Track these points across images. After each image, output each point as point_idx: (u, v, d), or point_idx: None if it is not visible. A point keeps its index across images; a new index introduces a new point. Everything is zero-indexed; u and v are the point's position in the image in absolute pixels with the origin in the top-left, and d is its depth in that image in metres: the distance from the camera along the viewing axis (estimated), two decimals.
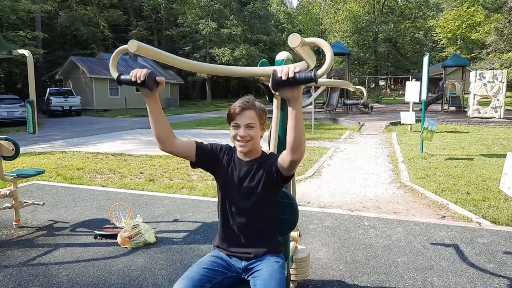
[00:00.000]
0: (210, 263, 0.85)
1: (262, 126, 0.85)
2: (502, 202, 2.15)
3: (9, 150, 1.81)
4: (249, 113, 0.82)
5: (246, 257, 0.86)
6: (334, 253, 1.57)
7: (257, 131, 0.83)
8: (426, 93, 3.98)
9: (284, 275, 0.84)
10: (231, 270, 0.86)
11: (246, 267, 0.86)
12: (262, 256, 0.86)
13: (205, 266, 0.84)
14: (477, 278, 1.34)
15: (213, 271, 0.83)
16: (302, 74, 0.65)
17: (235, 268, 0.87)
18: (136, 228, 1.65)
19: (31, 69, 1.80)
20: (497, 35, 11.45)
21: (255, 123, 0.82)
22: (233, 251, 0.87)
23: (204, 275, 0.81)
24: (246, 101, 0.83)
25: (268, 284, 0.78)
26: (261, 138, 0.86)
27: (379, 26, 19.85)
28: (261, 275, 0.81)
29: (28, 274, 1.39)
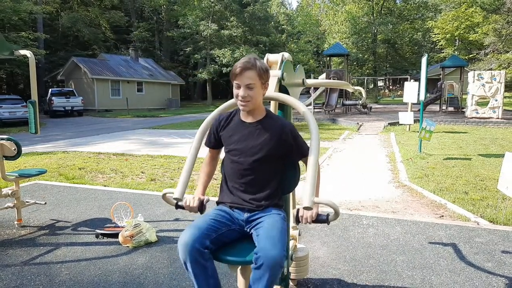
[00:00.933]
0: (215, 215, 0.88)
1: (264, 85, 0.86)
2: (500, 201, 2.16)
3: (11, 150, 1.82)
4: (249, 73, 0.82)
5: (248, 209, 0.87)
6: (333, 252, 1.58)
7: (257, 91, 0.84)
8: (425, 94, 3.99)
9: (286, 226, 0.85)
10: (234, 222, 0.88)
11: (248, 218, 0.87)
12: (264, 209, 0.87)
13: (211, 217, 0.87)
14: (475, 277, 1.35)
15: (218, 222, 0.86)
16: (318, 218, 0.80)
17: (238, 220, 0.88)
18: (138, 227, 1.66)
19: (33, 70, 1.81)
20: (495, 36, 11.49)
21: (255, 83, 0.83)
22: (236, 203, 0.89)
23: (211, 225, 0.84)
24: (247, 61, 0.84)
25: (270, 231, 0.80)
26: (263, 96, 0.88)
27: (378, 27, 19.86)
28: (264, 225, 0.83)
29: (30, 273, 1.40)
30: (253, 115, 0.89)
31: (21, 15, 10.99)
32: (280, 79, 1.01)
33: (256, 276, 0.78)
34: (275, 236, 0.79)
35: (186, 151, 4.44)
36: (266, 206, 0.88)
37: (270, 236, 0.79)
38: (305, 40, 24.62)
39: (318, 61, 23.65)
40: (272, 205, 0.88)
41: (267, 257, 0.77)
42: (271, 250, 0.77)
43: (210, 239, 0.82)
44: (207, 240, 0.81)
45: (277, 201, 0.91)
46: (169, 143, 5.32)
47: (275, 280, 0.78)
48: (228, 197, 0.91)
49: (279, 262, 0.77)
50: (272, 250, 0.77)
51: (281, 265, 0.78)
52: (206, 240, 0.81)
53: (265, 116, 0.89)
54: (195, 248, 0.80)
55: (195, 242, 0.80)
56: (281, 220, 0.85)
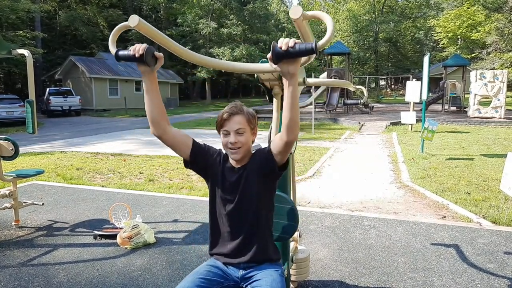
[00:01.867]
0: (206, 273, 0.82)
1: (253, 131, 0.82)
2: (502, 202, 2.15)
3: (9, 150, 1.80)
4: (237, 118, 0.80)
5: (243, 266, 0.83)
6: (334, 253, 1.56)
7: (247, 136, 0.81)
8: (427, 93, 3.97)
9: (284, 284, 0.82)
10: (228, 279, 0.83)
11: (244, 275, 0.83)
12: (260, 265, 0.83)
13: (201, 276, 0.81)
14: (477, 279, 1.34)
15: (209, 281, 0.80)
16: (302, 45, 0.62)
17: (232, 277, 0.84)
18: (136, 228, 1.64)
19: (30, 69, 1.80)
20: (497, 35, 11.44)
21: (245, 128, 0.80)
22: (229, 260, 0.84)
23: (200, 285, 0.78)
24: (233, 106, 0.81)
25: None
26: (253, 143, 0.84)
27: (380, 25, 19.81)
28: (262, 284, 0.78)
29: (28, 274, 1.39)
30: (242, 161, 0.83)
31: (19, 13, 10.95)
32: None
33: None
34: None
35: None
36: (261, 261, 0.83)
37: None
38: None
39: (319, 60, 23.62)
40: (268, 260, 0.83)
41: None
42: None
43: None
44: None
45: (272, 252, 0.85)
46: None
47: None
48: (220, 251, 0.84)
49: None
50: None
51: None
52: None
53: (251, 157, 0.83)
54: None
55: None
56: (279, 278, 0.80)
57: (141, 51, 0.70)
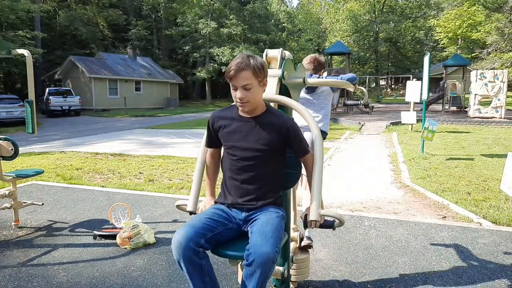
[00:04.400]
0: (211, 214, 0.86)
1: (262, 82, 0.84)
2: (503, 202, 2.14)
3: (8, 150, 1.80)
4: (244, 74, 0.80)
5: (246, 208, 0.86)
6: (334, 253, 1.56)
7: (254, 91, 0.82)
8: (427, 93, 3.96)
9: (282, 224, 0.83)
10: (232, 221, 0.87)
11: (246, 217, 0.86)
12: (261, 207, 0.86)
13: (207, 215, 0.85)
14: (478, 279, 1.34)
15: (214, 221, 0.84)
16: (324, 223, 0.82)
17: (236, 220, 0.87)
18: (136, 228, 1.64)
19: (30, 69, 1.79)
20: (497, 34, 11.42)
21: (252, 83, 0.81)
22: (234, 202, 0.88)
23: (206, 224, 0.82)
24: (240, 61, 0.82)
25: (263, 228, 0.78)
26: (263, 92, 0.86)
27: (380, 25, 19.81)
28: (258, 222, 0.82)
29: (27, 275, 1.39)
30: (252, 111, 0.87)
31: (18, 13, 10.93)
32: (280, 78, 0.99)
33: (248, 273, 0.77)
34: (268, 232, 0.78)
35: (185, 151, 4.40)
36: (264, 205, 0.86)
37: (263, 232, 0.78)
38: (306, 39, 24.48)
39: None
40: (270, 204, 0.87)
41: (258, 253, 0.75)
42: (262, 246, 0.75)
43: (205, 238, 0.81)
44: (202, 239, 0.80)
45: (276, 199, 0.89)
46: (168, 143, 5.30)
47: (267, 277, 0.77)
48: (226, 196, 0.90)
49: (270, 258, 0.75)
50: (263, 246, 0.75)
51: (273, 262, 0.76)
52: (201, 239, 0.80)
53: (265, 111, 0.87)
54: (188, 247, 0.78)
55: (189, 241, 0.78)
56: (277, 218, 0.83)
57: None
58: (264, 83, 0.84)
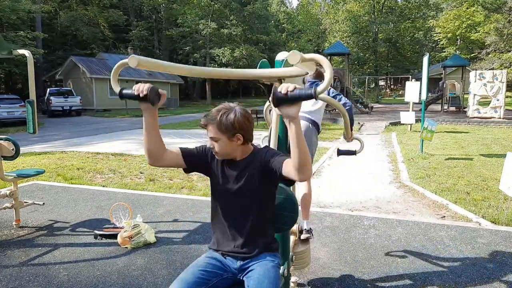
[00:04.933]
0: (205, 265, 0.83)
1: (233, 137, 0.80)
2: (502, 202, 2.15)
3: (9, 150, 1.81)
4: (210, 127, 0.80)
5: (241, 257, 0.85)
6: (334, 253, 1.57)
7: (222, 144, 0.80)
8: (426, 93, 3.98)
9: (278, 274, 0.83)
10: (227, 271, 0.85)
11: (241, 267, 0.85)
12: (257, 256, 0.84)
13: (201, 268, 0.82)
14: (477, 278, 1.34)
15: (208, 272, 0.82)
16: (302, 91, 0.65)
17: (231, 268, 0.85)
18: (136, 228, 1.65)
19: (31, 69, 1.80)
20: (496, 35, 11.44)
21: (218, 137, 0.80)
22: (228, 251, 0.86)
23: (200, 277, 0.80)
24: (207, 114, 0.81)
25: (261, 283, 0.78)
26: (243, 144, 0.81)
27: (379, 26, 19.82)
28: (255, 274, 0.80)
29: (28, 274, 1.39)
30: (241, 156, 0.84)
31: (19, 14, 10.92)
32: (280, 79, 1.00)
33: None
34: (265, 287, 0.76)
35: None
36: (258, 253, 0.84)
37: None
38: (306, 39, 24.53)
39: None
40: (265, 251, 0.85)
41: None
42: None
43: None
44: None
45: (269, 244, 0.87)
46: (168, 143, 5.30)
47: None
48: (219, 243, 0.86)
49: None
50: None
51: None
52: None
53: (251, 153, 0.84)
54: None
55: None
56: (273, 269, 0.81)
57: (145, 91, 0.71)
58: (238, 138, 0.80)
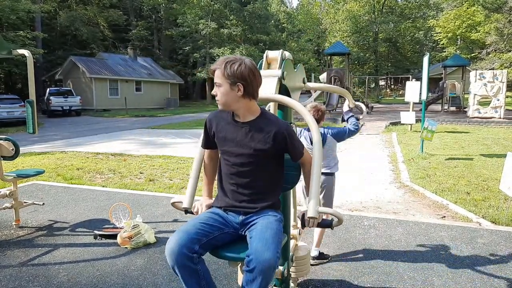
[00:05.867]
0: (206, 218, 0.84)
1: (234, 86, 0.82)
2: (502, 202, 2.15)
3: (9, 150, 1.81)
4: (216, 72, 0.84)
5: (243, 211, 0.85)
6: (334, 253, 1.57)
7: (224, 91, 0.82)
8: (426, 93, 3.97)
9: (281, 227, 0.83)
10: (228, 225, 0.86)
11: (243, 221, 0.85)
12: (259, 211, 0.85)
13: (202, 220, 0.83)
14: (477, 278, 1.34)
15: (209, 226, 0.83)
16: (322, 222, 0.83)
17: (232, 223, 0.86)
18: (136, 228, 1.65)
19: (31, 69, 1.80)
20: (497, 35, 11.43)
21: (221, 83, 0.82)
22: (230, 206, 0.87)
23: (201, 229, 0.81)
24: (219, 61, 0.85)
25: (263, 233, 0.78)
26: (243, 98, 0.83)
27: (379, 26, 19.80)
28: (257, 226, 0.81)
29: (28, 274, 1.39)
30: (243, 115, 0.86)
31: (19, 14, 10.92)
32: (280, 78, 1.00)
33: (249, 279, 0.76)
34: (268, 238, 0.77)
35: (185, 151, 4.39)
36: (261, 208, 0.86)
37: (263, 238, 0.77)
38: (306, 39, 24.52)
39: (318, 60, 23.62)
40: (268, 207, 0.86)
41: (259, 260, 0.75)
42: (263, 252, 0.75)
43: (199, 244, 0.80)
44: (196, 244, 0.79)
45: (273, 203, 0.88)
46: (168, 143, 5.31)
47: (268, 283, 0.77)
48: (223, 200, 0.89)
49: (272, 265, 0.75)
50: (264, 252, 0.75)
51: (274, 268, 0.76)
52: (195, 244, 0.79)
53: (259, 116, 0.87)
54: (182, 253, 0.77)
55: (182, 247, 0.77)
56: (276, 222, 0.83)
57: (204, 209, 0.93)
58: (239, 88, 0.82)
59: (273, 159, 0.87)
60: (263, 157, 0.85)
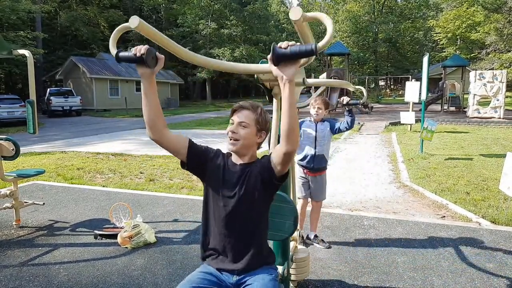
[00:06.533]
0: (200, 281, 0.80)
1: (260, 133, 0.81)
2: (501, 202, 2.16)
3: (10, 150, 1.81)
4: (246, 112, 0.81)
5: (237, 272, 0.82)
6: (334, 253, 1.57)
7: (249, 132, 0.80)
8: (426, 93, 3.98)
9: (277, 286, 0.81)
10: (222, 285, 0.82)
11: (237, 282, 0.82)
12: (254, 270, 0.82)
13: (195, 284, 0.79)
14: (476, 278, 1.35)
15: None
16: (302, 46, 0.63)
17: (226, 283, 0.82)
18: (136, 228, 1.65)
19: (31, 69, 1.81)
20: (496, 35, 11.45)
21: (249, 124, 0.80)
22: (223, 266, 0.83)
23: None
24: (249, 102, 0.83)
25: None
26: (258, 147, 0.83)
27: (379, 26, 19.88)
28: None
29: (28, 274, 1.39)
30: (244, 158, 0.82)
31: (19, 14, 10.93)
32: None
33: None
34: None
35: None
36: (255, 267, 0.81)
37: None
38: None
39: (318, 60, 23.70)
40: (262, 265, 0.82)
41: None
42: None
43: None
44: None
45: (266, 259, 0.84)
46: None
47: None
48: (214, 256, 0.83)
49: None
50: None
51: None
52: None
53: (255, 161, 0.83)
54: None
55: None
56: (271, 282, 0.79)
57: (143, 51, 0.70)
58: (261, 135, 0.81)
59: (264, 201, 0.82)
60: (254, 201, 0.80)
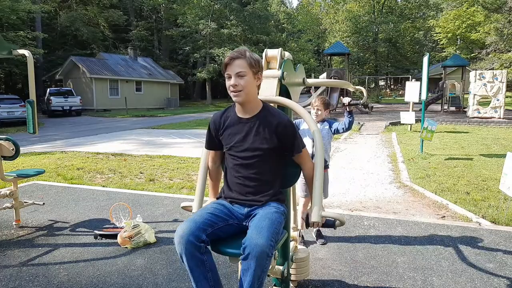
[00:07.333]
0: (213, 209, 0.88)
1: (256, 75, 0.85)
2: (502, 202, 2.15)
3: (9, 150, 1.81)
4: (238, 62, 0.82)
5: (248, 204, 0.88)
6: (334, 253, 1.57)
7: (248, 80, 0.83)
8: (426, 93, 3.98)
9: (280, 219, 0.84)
10: (233, 217, 0.88)
11: (248, 213, 0.88)
12: (264, 204, 0.88)
13: (209, 210, 0.87)
14: (477, 278, 1.35)
15: (216, 216, 0.86)
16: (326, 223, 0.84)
17: (237, 214, 0.88)
18: (136, 228, 1.65)
19: (31, 69, 1.80)
20: (497, 35, 11.44)
21: (246, 72, 0.82)
22: (236, 198, 0.90)
23: (207, 219, 0.84)
24: (236, 51, 0.85)
25: (260, 222, 0.79)
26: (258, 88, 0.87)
27: (379, 26, 19.88)
28: (256, 217, 0.84)
29: (28, 274, 1.40)
30: (249, 109, 0.88)
31: (19, 14, 10.94)
32: (280, 78, 1.00)
33: (244, 267, 0.77)
34: (264, 227, 0.78)
35: (185, 151, 4.40)
36: (266, 201, 0.88)
37: (259, 226, 0.79)
38: (306, 39, 24.56)
39: (318, 60, 23.70)
40: (272, 200, 0.89)
41: (252, 245, 0.75)
42: (256, 238, 0.76)
43: (206, 233, 0.82)
44: (202, 234, 0.81)
45: (278, 196, 0.91)
46: (168, 143, 5.31)
47: (263, 271, 0.77)
48: (229, 192, 0.92)
49: (264, 250, 0.75)
50: (257, 238, 0.76)
51: (268, 255, 0.76)
52: (202, 234, 0.81)
53: (261, 110, 0.88)
54: (189, 241, 0.79)
55: (189, 235, 0.79)
56: (275, 213, 0.84)
57: None
58: (258, 77, 0.85)
59: (276, 153, 0.89)
60: (267, 151, 0.87)
